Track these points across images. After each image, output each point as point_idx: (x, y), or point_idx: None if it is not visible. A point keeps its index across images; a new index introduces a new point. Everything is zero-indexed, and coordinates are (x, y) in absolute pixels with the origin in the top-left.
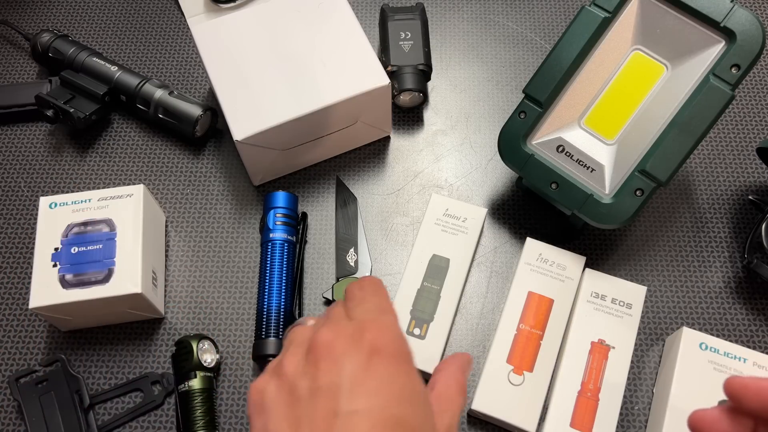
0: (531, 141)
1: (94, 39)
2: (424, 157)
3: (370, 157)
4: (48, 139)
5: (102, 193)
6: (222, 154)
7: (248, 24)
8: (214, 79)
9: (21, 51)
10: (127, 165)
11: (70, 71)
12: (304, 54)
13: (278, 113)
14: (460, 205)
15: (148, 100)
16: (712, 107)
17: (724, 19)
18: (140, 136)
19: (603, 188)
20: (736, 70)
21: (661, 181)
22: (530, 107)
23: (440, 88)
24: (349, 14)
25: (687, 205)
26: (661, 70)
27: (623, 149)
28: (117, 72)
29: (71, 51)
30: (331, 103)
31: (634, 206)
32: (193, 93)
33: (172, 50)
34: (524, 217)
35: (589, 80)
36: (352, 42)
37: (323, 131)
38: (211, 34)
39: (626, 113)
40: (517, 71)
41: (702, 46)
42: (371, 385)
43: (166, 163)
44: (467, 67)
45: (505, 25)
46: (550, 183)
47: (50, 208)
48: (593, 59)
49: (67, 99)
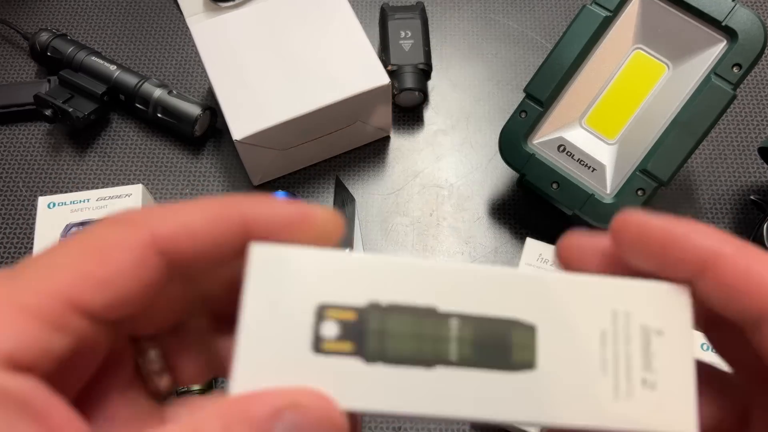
0: (532, 140)
1: (93, 38)
2: (425, 157)
3: (370, 157)
4: (46, 139)
5: (100, 193)
6: (221, 154)
7: (248, 23)
8: (214, 78)
9: (19, 50)
10: (126, 165)
11: (69, 71)
12: (303, 53)
13: (278, 112)
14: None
15: (147, 99)
16: (713, 107)
17: (725, 18)
18: (139, 135)
19: (604, 188)
20: (737, 70)
21: (662, 180)
22: (531, 106)
23: (440, 88)
24: (349, 13)
25: (688, 205)
26: (663, 69)
27: (624, 149)
28: (116, 71)
29: (70, 50)
30: (330, 103)
31: (635, 206)
32: (193, 92)
33: (171, 49)
34: (525, 217)
35: (590, 79)
36: (352, 41)
37: (323, 131)
38: (210, 33)
39: (627, 113)
40: (518, 70)
41: (703, 46)
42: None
43: (165, 163)
44: (468, 66)
45: (506, 24)
46: (550, 183)
47: (49, 208)
48: (594, 58)
49: (66, 98)
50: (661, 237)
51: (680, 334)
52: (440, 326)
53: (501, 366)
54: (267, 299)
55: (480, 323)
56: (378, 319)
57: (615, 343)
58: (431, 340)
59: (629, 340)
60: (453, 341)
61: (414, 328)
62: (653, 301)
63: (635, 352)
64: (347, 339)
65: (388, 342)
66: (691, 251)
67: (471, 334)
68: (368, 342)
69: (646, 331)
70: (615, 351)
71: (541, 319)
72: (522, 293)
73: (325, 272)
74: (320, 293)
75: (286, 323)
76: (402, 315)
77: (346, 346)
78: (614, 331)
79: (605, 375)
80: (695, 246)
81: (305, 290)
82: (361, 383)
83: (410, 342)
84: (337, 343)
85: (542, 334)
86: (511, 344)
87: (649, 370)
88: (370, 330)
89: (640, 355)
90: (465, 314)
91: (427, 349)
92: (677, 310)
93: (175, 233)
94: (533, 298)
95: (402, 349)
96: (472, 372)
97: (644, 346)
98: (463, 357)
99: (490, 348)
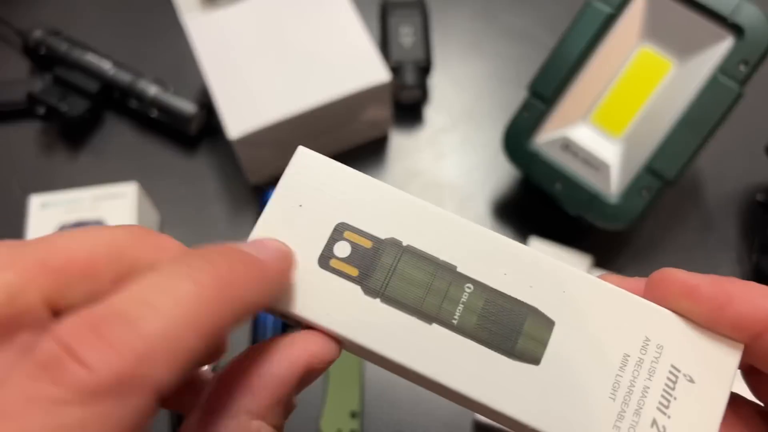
0: (535, 139)
1: (87, 35)
2: (426, 156)
3: (369, 156)
4: (40, 137)
5: (95, 192)
6: (217, 152)
7: (245, 19)
8: (210, 75)
9: (12, 47)
10: (120, 163)
11: (63, 68)
12: (302, 49)
13: (275, 110)
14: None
15: (142, 97)
16: (719, 105)
17: (731, 14)
18: (134, 133)
19: (609, 187)
20: (744, 67)
21: (668, 179)
22: (535, 104)
23: (442, 85)
24: (350, 9)
25: (694, 205)
26: (668, 66)
27: (629, 147)
28: (110, 69)
29: (64, 48)
30: (330, 100)
31: (640, 206)
32: (188, 90)
33: (166, 47)
34: (528, 216)
35: (594, 77)
36: (352, 37)
37: (322, 129)
38: (206, 29)
39: (633, 110)
40: (521, 68)
41: (709, 42)
42: None
43: (160, 161)
44: (469, 63)
45: (508, 20)
46: (554, 182)
47: (42, 207)
48: (599, 55)
49: (60, 96)
50: (713, 297)
51: (715, 389)
52: (454, 286)
53: (501, 349)
54: (295, 199)
55: (495, 297)
56: (393, 255)
57: (636, 371)
58: (439, 296)
59: (653, 373)
60: (461, 305)
61: (426, 278)
62: (695, 346)
63: (655, 389)
64: (354, 264)
65: (395, 281)
66: (750, 315)
67: (481, 304)
68: (374, 273)
69: (676, 372)
70: (632, 379)
71: (563, 318)
72: (554, 285)
73: (358, 195)
74: (346, 213)
75: (304, 228)
76: (418, 260)
77: (351, 269)
78: (639, 359)
79: (613, 400)
80: (755, 309)
81: (333, 205)
82: (351, 310)
83: (416, 290)
84: (343, 264)
85: (559, 333)
86: (521, 331)
87: (663, 413)
88: (381, 263)
89: (659, 393)
90: (484, 284)
91: (432, 302)
92: (720, 365)
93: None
94: (564, 294)
95: (405, 294)
96: (469, 343)
97: (667, 386)
98: (464, 324)
99: (496, 326)
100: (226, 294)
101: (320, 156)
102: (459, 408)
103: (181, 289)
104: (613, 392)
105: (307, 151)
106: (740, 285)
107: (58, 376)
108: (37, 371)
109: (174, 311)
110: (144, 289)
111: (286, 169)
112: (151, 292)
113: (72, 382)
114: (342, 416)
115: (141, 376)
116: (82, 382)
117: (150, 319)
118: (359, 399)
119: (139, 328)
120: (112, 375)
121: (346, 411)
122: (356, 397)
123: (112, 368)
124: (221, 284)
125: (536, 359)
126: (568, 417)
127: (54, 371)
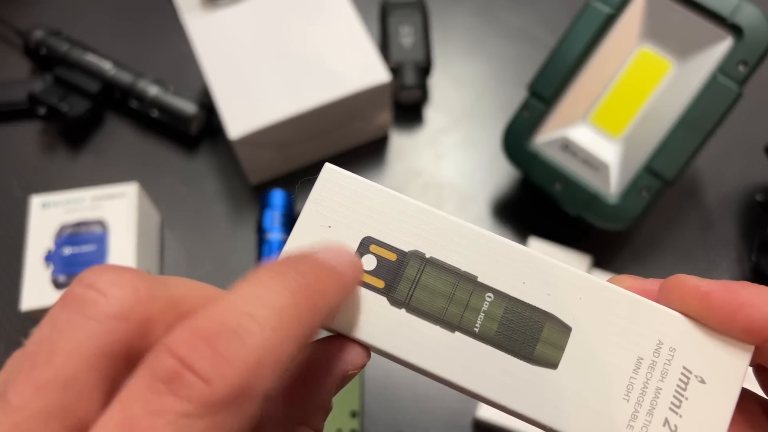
0: (535, 139)
1: (88, 35)
2: (426, 156)
3: (369, 156)
4: (40, 137)
5: (95, 192)
6: (218, 153)
7: (245, 19)
8: (210, 76)
9: (13, 47)
10: (121, 163)
11: (63, 68)
12: (302, 50)
13: (276, 111)
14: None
15: (143, 97)
16: (719, 105)
17: (731, 15)
18: (134, 133)
19: (609, 188)
20: (743, 67)
21: (668, 179)
22: (534, 104)
23: (442, 85)
24: (350, 9)
25: (693, 205)
26: (668, 66)
27: (629, 147)
28: (111, 69)
29: (64, 48)
30: (330, 100)
31: (640, 206)
32: (189, 90)
33: (166, 47)
34: (528, 216)
35: (594, 77)
36: (352, 37)
37: (322, 129)
38: (206, 29)
39: (632, 111)
40: (521, 68)
41: (709, 43)
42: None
43: (161, 162)
44: (469, 63)
45: (508, 20)
46: (554, 182)
47: (42, 207)
48: (598, 55)
49: (60, 96)
50: (725, 304)
51: (725, 390)
52: (475, 295)
53: (520, 354)
54: (323, 215)
55: (514, 305)
56: (416, 267)
57: (649, 373)
58: (461, 306)
59: (665, 375)
60: (482, 314)
61: (448, 288)
62: (707, 348)
63: (667, 390)
64: (380, 276)
65: (419, 292)
66: (761, 320)
67: (501, 313)
68: (399, 285)
69: (687, 373)
70: (646, 381)
71: (580, 324)
72: (571, 292)
73: (382, 209)
74: (371, 227)
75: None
76: (440, 272)
77: (377, 282)
78: (652, 362)
79: (627, 401)
80: (766, 315)
81: (359, 219)
82: (379, 320)
83: (439, 300)
84: (370, 277)
85: (576, 339)
86: (539, 337)
87: (675, 412)
88: (405, 275)
89: (671, 394)
90: (503, 292)
91: (454, 312)
92: (730, 367)
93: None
94: (581, 301)
95: (429, 304)
96: (490, 349)
97: (680, 387)
98: (485, 332)
99: (515, 333)
100: (315, 302)
101: (346, 172)
102: (459, 408)
103: (279, 301)
104: (627, 393)
105: (333, 167)
106: (752, 290)
107: (180, 389)
108: (157, 385)
109: (275, 323)
110: (243, 300)
111: (314, 185)
112: (252, 304)
113: (194, 396)
114: (342, 416)
115: (253, 386)
116: (203, 396)
117: (254, 331)
118: (359, 399)
119: (246, 340)
120: (229, 388)
121: (346, 411)
122: (356, 397)
123: (228, 381)
124: (311, 294)
125: (554, 364)
126: (584, 418)
127: (175, 385)
